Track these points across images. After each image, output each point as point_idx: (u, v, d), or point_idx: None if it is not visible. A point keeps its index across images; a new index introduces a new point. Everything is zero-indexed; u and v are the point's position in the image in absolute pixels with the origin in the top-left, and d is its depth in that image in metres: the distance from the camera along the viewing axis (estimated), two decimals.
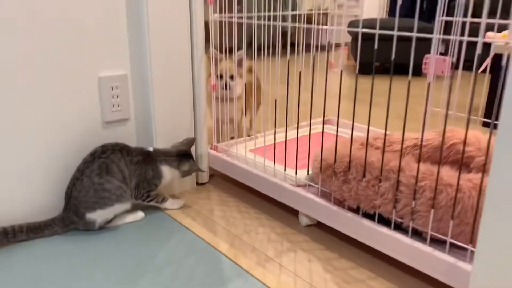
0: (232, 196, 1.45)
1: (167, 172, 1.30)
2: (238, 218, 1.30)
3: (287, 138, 1.39)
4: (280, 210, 1.35)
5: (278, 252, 1.12)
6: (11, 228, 1.13)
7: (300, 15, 1.41)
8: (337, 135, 1.15)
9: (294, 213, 1.30)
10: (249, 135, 1.75)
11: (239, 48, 1.54)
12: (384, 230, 1.05)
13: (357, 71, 1.13)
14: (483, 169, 0.99)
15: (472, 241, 0.93)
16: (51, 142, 1.21)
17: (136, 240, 1.16)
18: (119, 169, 1.20)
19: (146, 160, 1.27)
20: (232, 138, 1.65)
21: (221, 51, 1.56)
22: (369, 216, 1.10)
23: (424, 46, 1.12)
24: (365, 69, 3.91)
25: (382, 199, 1.06)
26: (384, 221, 1.07)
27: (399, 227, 1.05)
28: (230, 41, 1.46)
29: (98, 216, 1.18)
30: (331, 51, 1.29)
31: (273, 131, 1.43)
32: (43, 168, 1.21)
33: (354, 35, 3.84)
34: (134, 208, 1.27)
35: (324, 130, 1.86)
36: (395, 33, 1.02)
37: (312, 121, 1.95)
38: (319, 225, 1.24)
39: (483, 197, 0.92)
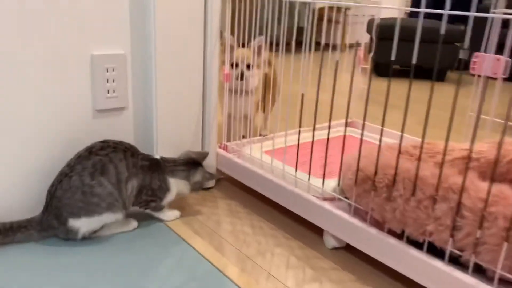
0: (243, 205, 1.23)
1: (174, 185, 1.10)
2: (251, 234, 1.08)
3: (310, 140, 1.18)
4: (301, 227, 1.13)
5: (299, 281, 0.91)
6: None
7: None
8: (380, 140, 0.93)
9: (318, 232, 1.09)
10: (262, 135, 1.54)
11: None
12: (436, 263, 0.83)
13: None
14: None
15: None
16: (30, 132, 0.99)
17: (124, 258, 0.95)
18: (116, 171, 0.99)
19: (154, 169, 1.06)
20: (243, 137, 1.43)
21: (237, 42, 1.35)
22: (416, 244, 0.88)
23: (447, 48, 0.94)
24: (382, 70, 3.71)
25: (437, 225, 0.84)
26: (435, 251, 0.86)
27: (455, 261, 0.83)
28: (247, 30, 1.24)
29: (82, 224, 0.97)
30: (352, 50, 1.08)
31: (294, 131, 1.22)
32: (19, 163, 1.00)
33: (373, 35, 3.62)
34: (126, 215, 1.05)
35: (348, 134, 1.65)
36: (402, 8, 0.83)
37: (335, 122, 1.74)
38: (349, 248, 1.03)
39: None
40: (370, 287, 0.91)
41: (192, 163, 1.13)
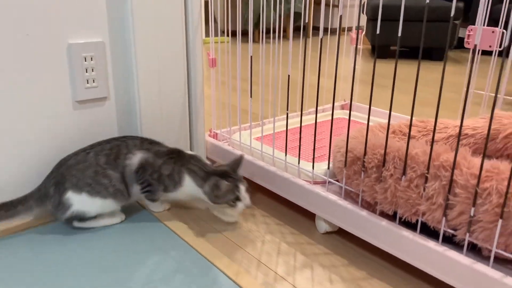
0: None
1: (189, 186, 1.00)
2: (241, 222, 1.05)
3: (305, 124, 1.15)
4: (293, 213, 1.10)
5: (290, 268, 0.88)
6: None
7: None
8: (368, 120, 0.90)
9: (310, 216, 1.06)
10: None
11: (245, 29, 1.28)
12: (430, 244, 0.80)
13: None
14: None
15: None
16: (5, 128, 0.96)
17: (112, 247, 0.92)
18: (126, 156, 0.99)
19: (171, 156, 1.01)
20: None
21: (223, 33, 1.30)
22: (409, 225, 0.85)
23: (446, 27, 0.89)
24: (381, 52, 3.65)
25: (429, 204, 0.81)
26: (429, 231, 0.83)
27: (449, 241, 0.80)
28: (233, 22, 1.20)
29: (79, 202, 0.95)
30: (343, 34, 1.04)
31: (283, 116, 1.18)
32: None
33: (370, 16, 3.55)
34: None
35: (342, 116, 1.61)
36: None
37: (327, 106, 1.70)
38: (341, 232, 1.00)
39: None
40: (363, 271, 0.88)
41: (219, 174, 0.98)
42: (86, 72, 1.03)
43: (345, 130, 1.43)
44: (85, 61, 1.02)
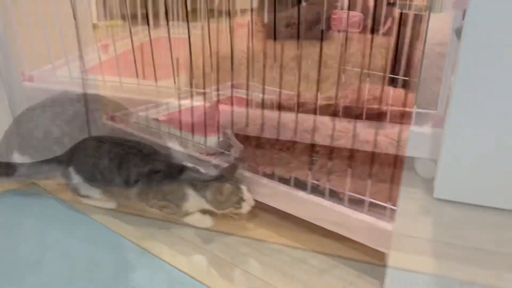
0: None
1: (193, 199, 0.98)
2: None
3: (192, 105, 1.27)
4: None
5: (191, 230, 1.02)
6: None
7: None
8: (247, 95, 1.05)
9: None
10: None
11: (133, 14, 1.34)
12: (300, 194, 0.98)
13: None
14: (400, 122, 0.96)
15: (391, 199, 0.90)
16: None
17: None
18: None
19: (168, 174, 1.00)
20: None
21: (112, 18, 1.36)
22: (287, 181, 1.02)
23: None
24: (273, 33, 3.86)
25: (298, 162, 0.99)
26: (300, 184, 1.01)
27: (316, 190, 0.99)
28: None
29: (76, 179, 1.05)
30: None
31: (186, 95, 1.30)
32: None
33: None
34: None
35: (234, 95, 1.76)
36: None
37: (219, 86, 1.84)
38: None
39: (400, 153, 0.88)
40: (250, 223, 1.04)
41: (217, 179, 0.98)
42: None
43: (236, 107, 1.58)
44: None
